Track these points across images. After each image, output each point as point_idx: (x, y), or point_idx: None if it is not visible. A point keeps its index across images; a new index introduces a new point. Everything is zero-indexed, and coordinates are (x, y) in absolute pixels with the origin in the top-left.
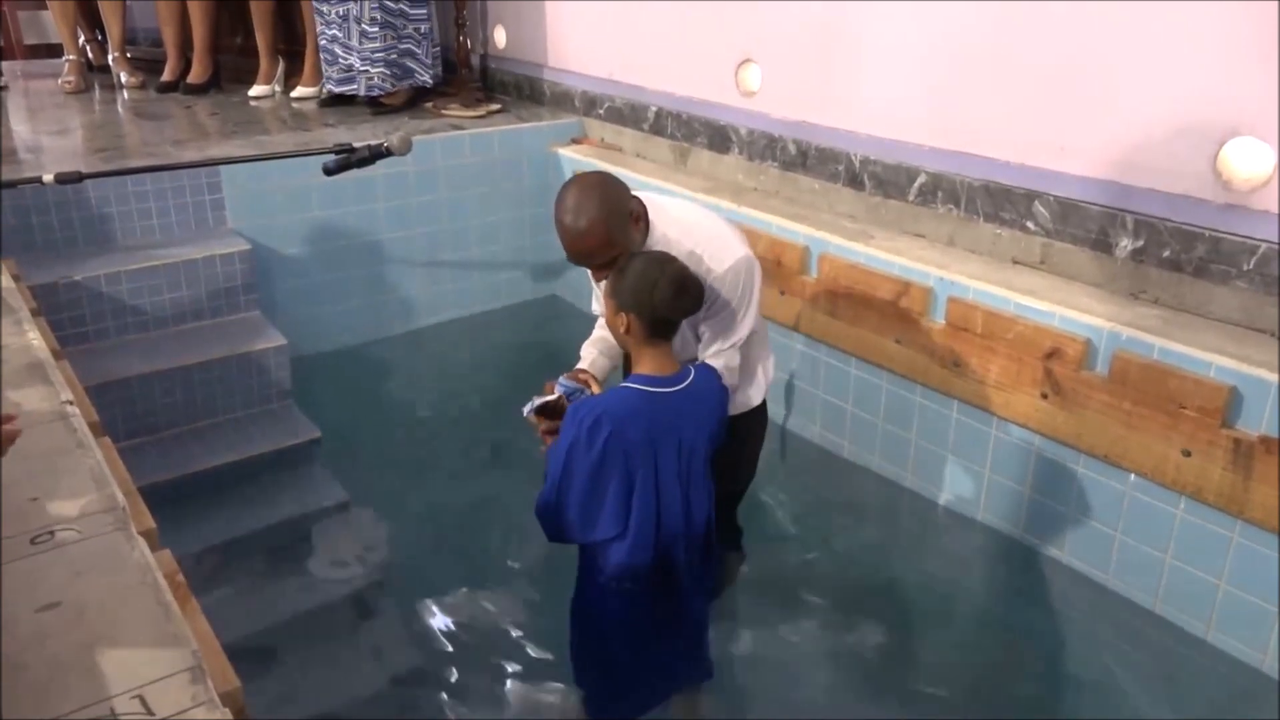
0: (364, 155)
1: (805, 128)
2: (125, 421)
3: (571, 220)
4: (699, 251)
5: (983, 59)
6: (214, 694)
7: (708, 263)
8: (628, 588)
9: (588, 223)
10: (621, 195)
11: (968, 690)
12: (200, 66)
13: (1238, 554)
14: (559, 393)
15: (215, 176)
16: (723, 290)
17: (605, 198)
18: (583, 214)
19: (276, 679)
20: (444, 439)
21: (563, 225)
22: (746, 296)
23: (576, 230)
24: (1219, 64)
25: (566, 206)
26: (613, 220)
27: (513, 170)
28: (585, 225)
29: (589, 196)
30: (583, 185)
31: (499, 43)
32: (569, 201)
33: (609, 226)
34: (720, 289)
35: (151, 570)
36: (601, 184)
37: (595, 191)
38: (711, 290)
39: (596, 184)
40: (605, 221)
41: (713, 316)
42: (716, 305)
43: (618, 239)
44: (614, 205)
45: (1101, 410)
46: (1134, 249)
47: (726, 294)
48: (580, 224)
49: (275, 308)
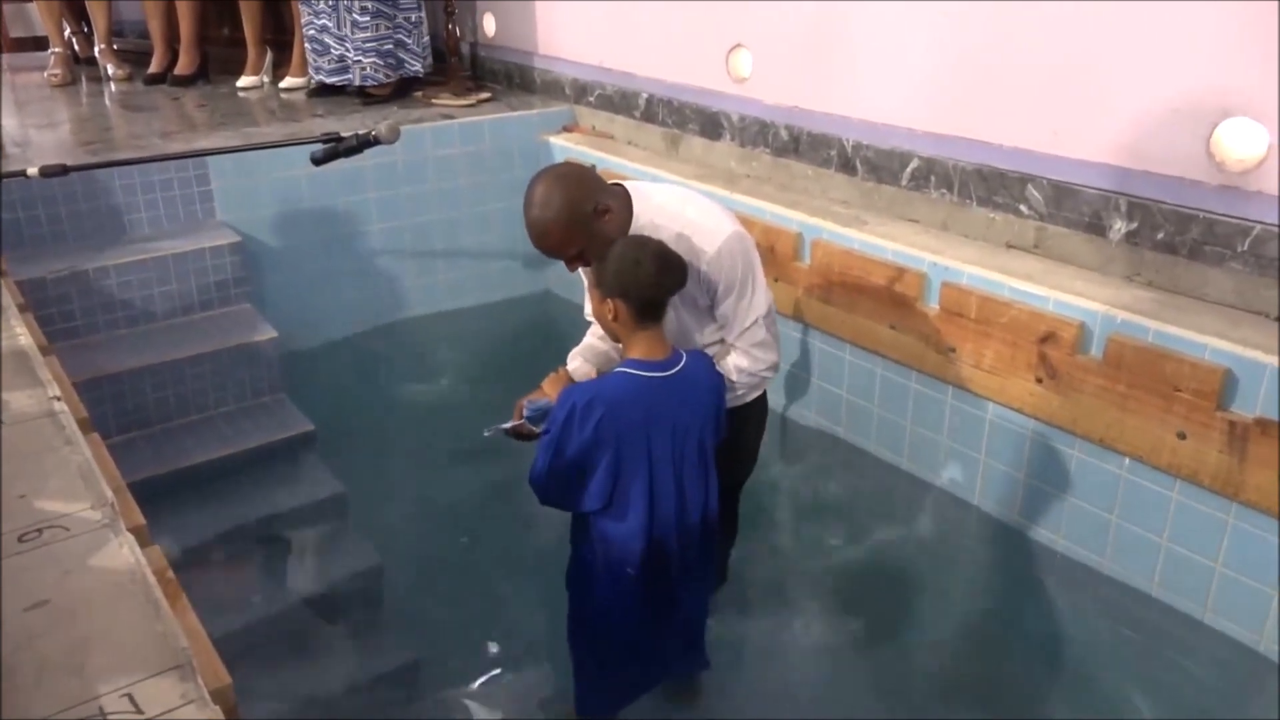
0: (352, 144)
1: (797, 113)
2: (116, 416)
3: (536, 214)
4: (687, 234)
5: (975, 43)
6: (204, 691)
7: (698, 245)
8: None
9: (549, 217)
10: (586, 190)
11: (964, 675)
12: (188, 58)
13: (1234, 536)
14: (526, 416)
15: (203, 169)
16: (722, 271)
17: (568, 193)
18: (545, 208)
19: (268, 675)
20: (437, 431)
21: (528, 219)
22: (749, 271)
23: (539, 225)
24: (1213, 45)
25: (531, 200)
26: (573, 215)
27: (503, 159)
28: (546, 220)
29: (553, 191)
30: (548, 179)
31: (488, 31)
32: (533, 195)
33: (570, 222)
34: (719, 270)
35: (141, 567)
36: (566, 178)
37: (559, 186)
38: (709, 274)
39: (561, 178)
40: (566, 217)
41: (724, 299)
42: (722, 288)
43: (578, 234)
44: (576, 201)
45: (1096, 394)
46: (1128, 232)
47: (727, 274)
48: (542, 218)
49: (265, 300)
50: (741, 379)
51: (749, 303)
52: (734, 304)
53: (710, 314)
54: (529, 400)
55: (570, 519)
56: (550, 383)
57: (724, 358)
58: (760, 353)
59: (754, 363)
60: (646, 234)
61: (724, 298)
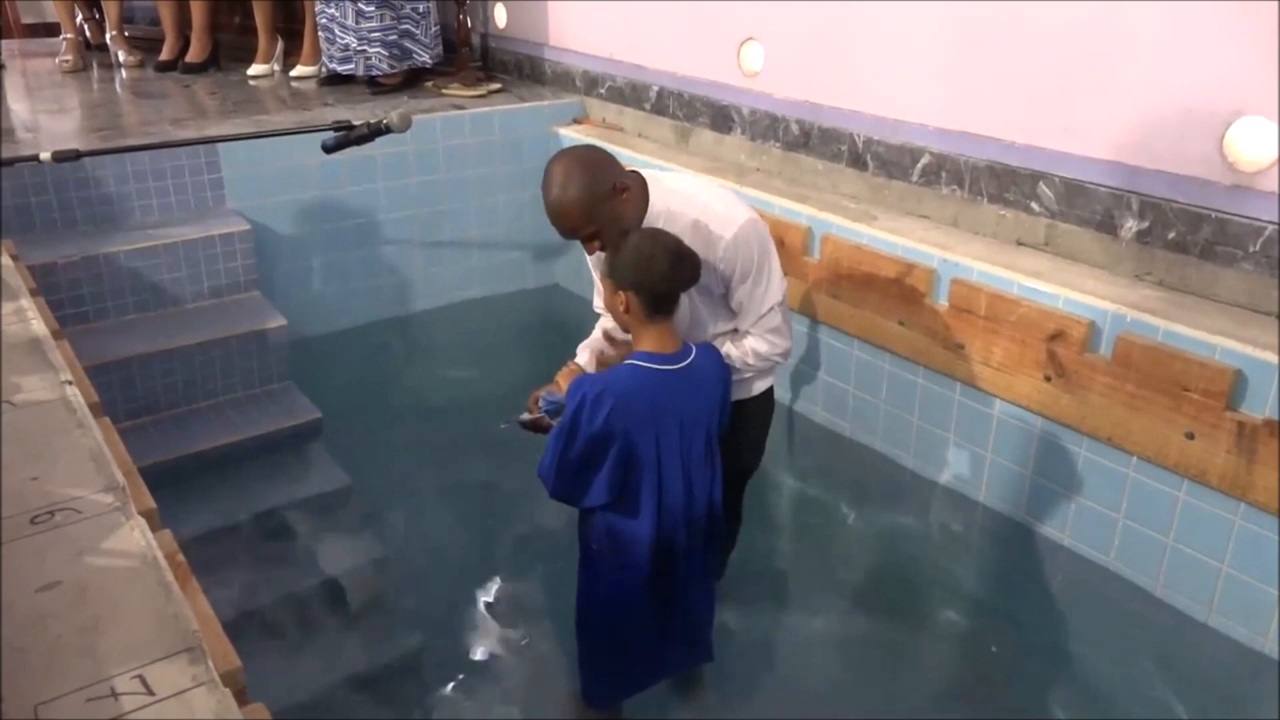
0: (363, 132)
1: (808, 108)
2: (125, 402)
3: (555, 194)
4: (703, 221)
5: (987, 39)
6: (214, 674)
7: (716, 231)
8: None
9: (568, 196)
10: (604, 169)
11: (967, 672)
12: (199, 45)
13: (1240, 537)
14: (543, 409)
15: (214, 156)
16: (739, 257)
17: (586, 172)
18: (565, 187)
19: (277, 659)
20: (444, 421)
21: (546, 199)
22: (765, 258)
23: (558, 204)
24: (1227, 43)
25: (549, 181)
26: (593, 193)
27: (513, 151)
28: (566, 199)
29: (571, 171)
30: (566, 159)
31: (499, 21)
32: (551, 176)
33: (589, 199)
34: (735, 257)
35: (152, 550)
36: (584, 158)
37: (577, 165)
38: (725, 260)
39: (579, 158)
40: (586, 195)
41: (739, 286)
42: (738, 275)
43: (599, 212)
44: (595, 179)
45: (1105, 393)
46: (1139, 230)
47: (744, 260)
48: (561, 197)
49: (274, 288)
50: (756, 363)
51: (765, 289)
52: (750, 290)
53: (724, 303)
54: (546, 393)
55: (578, 513)
56: (565, 376)
57: (740, 340)
58: (775, 338)
59: (770, 348)
60: (662, 219)
61: (739, 284)
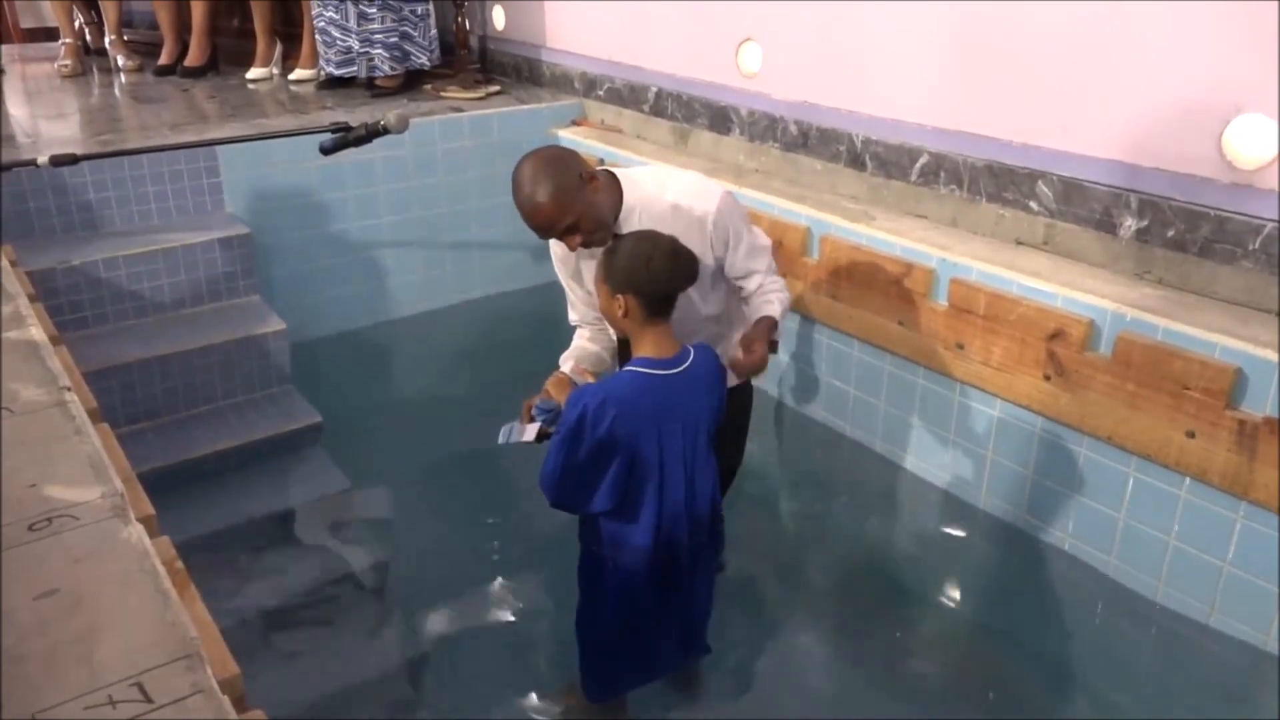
0: (361, 134)
1: (806, 108)
2: (125, 407)
3: (526, 192)
4: (681, 202)
5: (985, 38)
6: (213, 681)
7: (698, 208)
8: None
9: (540, 191)
10: (569, 163)
11: (967, 674)
12: (198, 49)
13: (1242, 536)
14: (537, 419)
15: (213, 160)
16: (730, 224)
17: (552, 166)
18: (534, 183)
19: (276, 666)
20: (444, 423)
21: (518, 199)
22: (744, 216)
23: (531, 200)
24: (1225, 41)
25: (519, 182)
26: (564, 184)
27: (512, 152)
28: (538, 194)
29: (538, 168)
30: (530, 160)
31: (498, 23)
32: (520, 177)
33: (560, 191)
34: (727, 224)
35: (150, 557)
36: (547, 155)
37: (542, 162)
38: (715, 232)
39: (543, 156)
40: (556, 187)
41: (737, 248)
42: (732, 239)
43: (572, 202)
44: (562, 171)
45: (1105, 392)
46: (1138, 229)
47: (734, 225)
48: (533, 193)
49: (274, 292)
50: (786, 295)
51: (757, 240)
52: (748, 246)
53: (711, 283)
54: (539, 401)
55: (578, 518)
56: (554, 384)
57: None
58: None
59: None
60: (638, 211)
61: (736, 245)
